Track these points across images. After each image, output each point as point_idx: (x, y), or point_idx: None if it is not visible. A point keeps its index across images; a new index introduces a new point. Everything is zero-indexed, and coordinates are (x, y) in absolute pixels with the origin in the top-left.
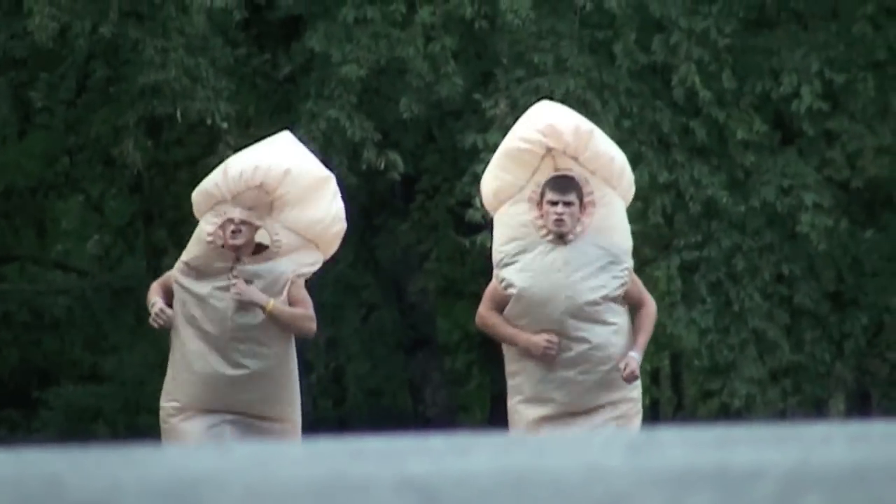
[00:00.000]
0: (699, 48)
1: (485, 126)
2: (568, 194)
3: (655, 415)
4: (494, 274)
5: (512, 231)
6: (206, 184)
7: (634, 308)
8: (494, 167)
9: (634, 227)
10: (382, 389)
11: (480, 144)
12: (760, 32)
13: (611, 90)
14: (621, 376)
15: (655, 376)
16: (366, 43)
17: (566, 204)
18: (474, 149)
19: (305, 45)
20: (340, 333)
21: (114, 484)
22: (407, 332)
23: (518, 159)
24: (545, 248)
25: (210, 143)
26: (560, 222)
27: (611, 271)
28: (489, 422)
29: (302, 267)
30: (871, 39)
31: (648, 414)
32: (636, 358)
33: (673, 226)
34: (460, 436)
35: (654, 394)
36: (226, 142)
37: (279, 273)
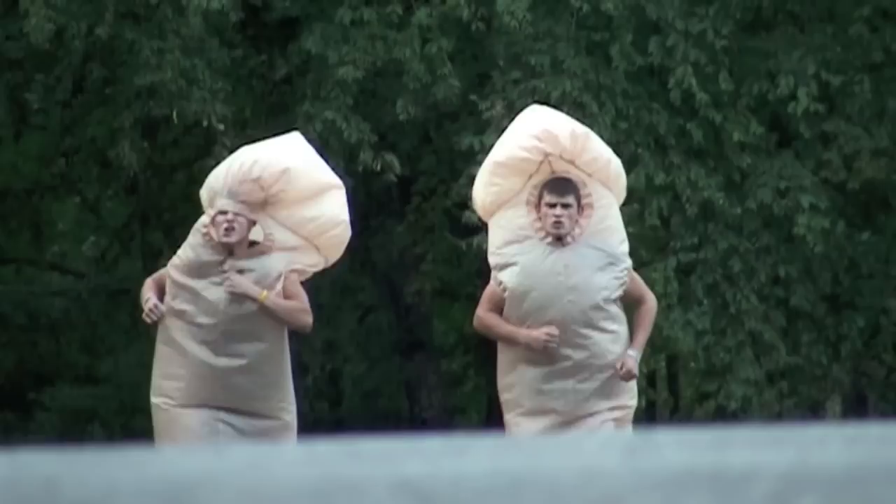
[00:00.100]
0: (696, 50)
1: (481, 128)
2: (566, 196)
3: (652, 417)
4: (492, 276)
5: (509, 234)
6: (210, 177)
7: (635, 305)
8: (488, 174)
9: (631, 230)
10: (378, 391)
11: (477, 146)
12: (757, 34)
13: (607, 92)
14: (618, 375)
15: (652, 378)
16: (362, 44)
17: (564, 206)
18: (471, 150)
19: (302, 47)
20: (337, 335)
21: (110, 485)
22: (403, 334)
23: (516, 167)
24: (544, 251)
25: (206, 145)
26: (559, 224)
27: (611, 272)
28: (485, 423)
29: (296, 264)
30: (868, 41)
31: (644, 416)
32: (633, 356)
33: (669, 228)
34: (456, 437)
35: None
36: (222, 143)
37: (270, 267)
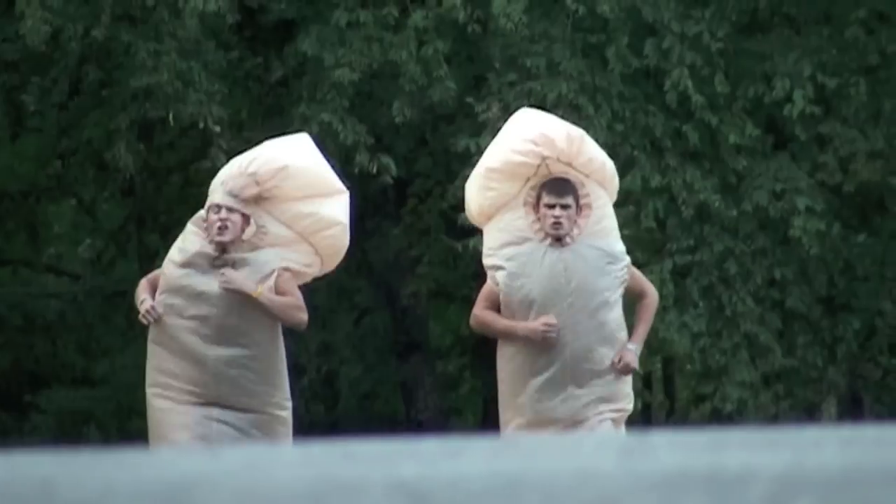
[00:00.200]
0: (692, 52)
1: (477, 130)
2: (565, 197)
3: (647, 419)
4: (489, 276)
5: (507, 235)
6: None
7: (636, 299)
8: (484, 179)
9: (627, 232)
10: (374, 393)
11: (473, 148)
12: (753, 36)
13: (603, 94)
14: (616, 368)
15: (647, 380)
16: (358, 47)
17: (563, 207)
18: (467, 152)
19: (298, 49)
20: (333, 337)
21: (106, 487)
22: (399, 336)
23: (512, 171)
24: (543, 252)
25: (202, 147)
26: (558, 225)
27: (611, 272)
28: (481, 425)
29: (291, 262)
30: (864, 44)
31: (640, 418)
32: (633, 350)
33: (665, 230)
34: (452, 439)
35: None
36: (218, 145)
37: (263, 262)
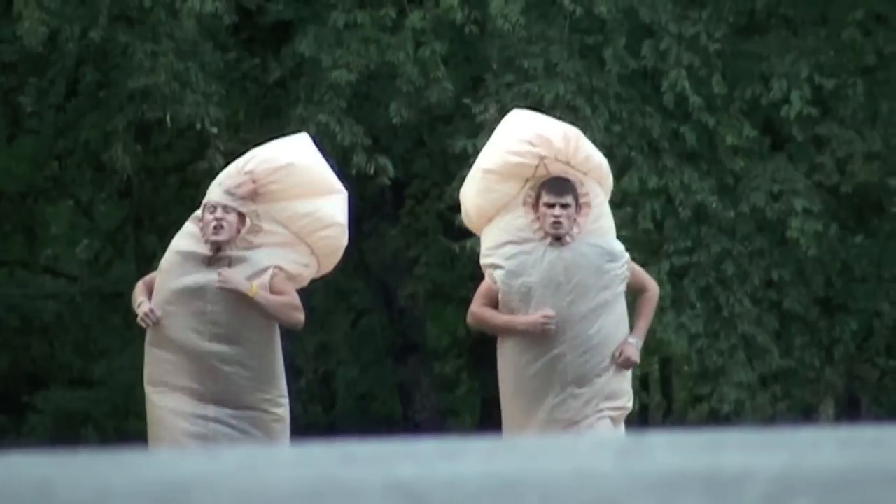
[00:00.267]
0: (689, 53)
1: (475, 131)
2: (565, 196)
3: (644, 420)
4: (487, 274)
5: (507, 234)
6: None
7: (637, 294)
8: (482, 182)
9: (624, 233)
10: (372, 394)
11: (470, 149)
12: (750, 38)
13: (601, 95)
14: (616, 362)
15: (645, 381)
16: (356, 48)
17: (563, 206)
18: (464, 154)
19: (295, 50)
20: (330, 338)
21: (103, 488)
22: (396, 337)
23: (511, 172)
24: (542, 251)
25: (199, 148)
26: (557, 224)
27: (611, 270)
28: (478, 426)
29: (287, 262)
30: (861, 45)
31: (637, 419)
32: (634, 343)
33: (663, 231)
34: (449, 440)
35: (644, 399)
36: (215, 146)
37: (258, 261)
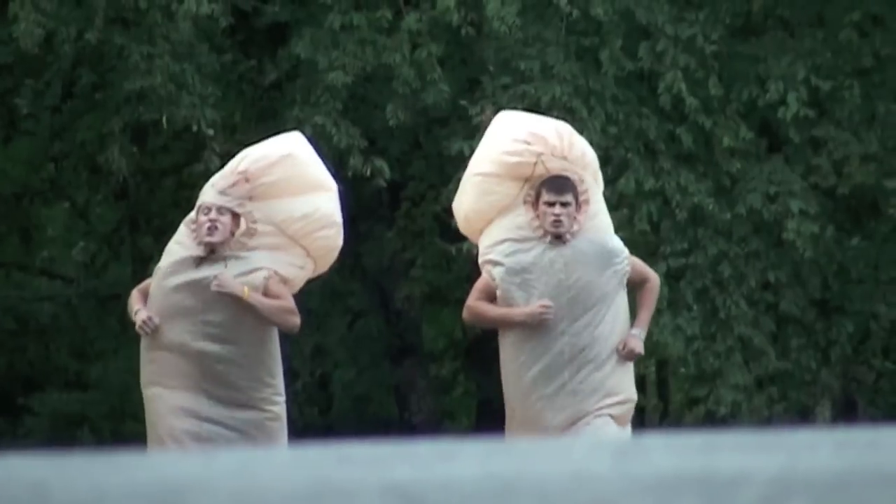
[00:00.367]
0: (685, 55)
1: (471, 133)
2: (565, 195)
3: (641, 422)
4: (485, 271)
5: (506, 232)
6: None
7: (638, 286)
8: (482, 185)
9: (620, 235)
10: (368, 396)
11: (467, 151)
12: (747, 39)
13: (597, 97)
14: (621, 355)
15: (641, 383)
16: (352, 49)
17: (563, 205)
18: (460, 156)
19: (291, 52)
20: (326, 340)
21: (99, 490)
22: (393, 340)
23: (509, 173)
24: (542, 249)
25: (195, 150)
26: (558, 223)
27: (610, 266)
28: (475, 428)
29: (282, 265)
30: (858, 47)
31: (634, 421)
32: (637, 335)
33: (659, 233)
34: (445, 442)
35: (640, 401)
36: (211, 148)
37: (253, 263)
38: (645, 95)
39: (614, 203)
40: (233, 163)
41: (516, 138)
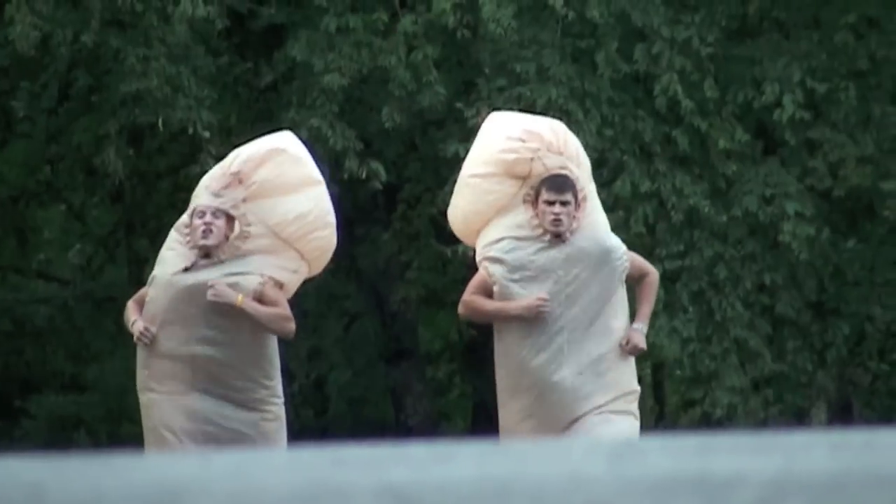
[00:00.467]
0: (681, 57)
1: (467, 135)
2: (564, 194)
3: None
4: (483, 267)
5: (505, 231)
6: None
7: (637, 281)
8: (482, 185)
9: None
10: (364, 398)
11: (462, 153)
12: (742, 42)
13: (593, 99)
14: (624, 350)
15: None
16: (348, 52)
17: (563, 203)
18: (456, 158)
19: (287, 54)
20: (322, 343)
21: (95, 492)
22: (389, 342)
23: (508, 171)
24: (542, 247)
25: (192, 152)
26: (558, 222)
27: (609, 263)
28: (471, 430)
29: (276, 270)
30: (853, 49)
31: None
32: (639, 330)
33: (655, 235)
34: (441, 444)
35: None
36: (207, 151)
37: (248, 269)
38: (641, 98)
39: (610, 205)
40: (224, 163)
41: (511, 136)
